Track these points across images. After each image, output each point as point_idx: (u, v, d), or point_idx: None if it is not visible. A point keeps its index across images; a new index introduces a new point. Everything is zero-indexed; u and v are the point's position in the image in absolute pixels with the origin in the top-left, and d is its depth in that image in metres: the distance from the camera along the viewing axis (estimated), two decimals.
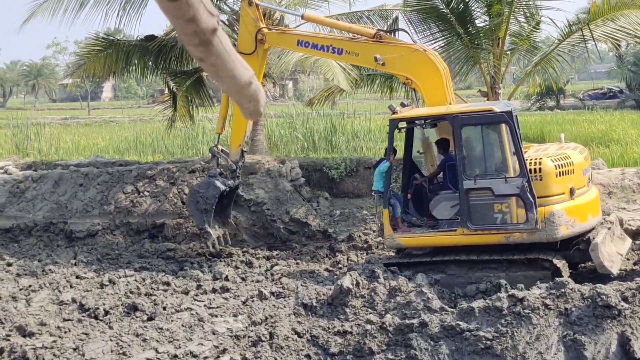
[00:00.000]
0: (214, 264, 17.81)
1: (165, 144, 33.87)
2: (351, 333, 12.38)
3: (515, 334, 11.69)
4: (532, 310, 11.87)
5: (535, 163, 14.76)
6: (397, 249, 16.05)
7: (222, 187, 18.21)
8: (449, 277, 14.85)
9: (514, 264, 14.80)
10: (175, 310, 13.71)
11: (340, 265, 17.55)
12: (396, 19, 23.75)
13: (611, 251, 14.91)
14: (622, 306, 11.68)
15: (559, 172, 14.79)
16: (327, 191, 21.88)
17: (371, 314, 12.78)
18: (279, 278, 15.91)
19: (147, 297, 14.75)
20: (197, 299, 14.55)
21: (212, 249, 18.43)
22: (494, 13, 21.03)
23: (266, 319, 12.95)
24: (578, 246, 14.97)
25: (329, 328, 12.59)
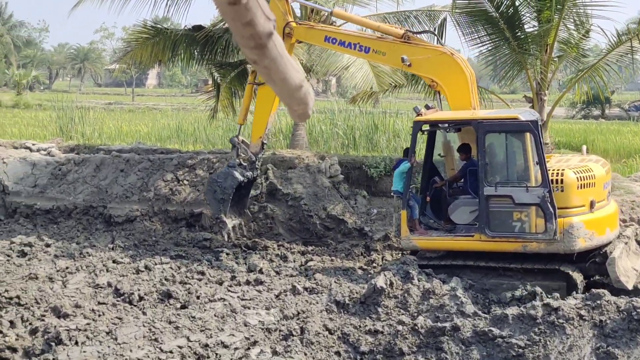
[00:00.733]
0: (249, 256, 17.86)
1: (207, 134, 34.04)
2: (382, 333, 12.36)
3: (548, 343, 11.61)
4: (566, 320, 11.78)
5: (558, 174, 14.69)
6: (412, 251, 16.00)
7: (240, 177, 18.37)
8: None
9: (530, 273, 14.74)
10: (209, 299, 13.77)
11: (374, 264, 17.52)
12: (444, 20, 23.65)
13: (627, 266, 14.86)
14: None
15: (581, 184, 14.74)
16: (365, 189, 21.86)
17: (403, 315, 12.75)
18: (313, 274, 15.92)
19: (182, 285, 14.83)
20: (230, 289, 14.61)
21: (226, 238, 18.71)
22: (544, 19, 20.85)
23: (298, 313, 12.97)
24: (594, 259, 14.89)
25: (360, 326, 12.58)
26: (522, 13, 21.37)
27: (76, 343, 11.72)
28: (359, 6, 24.96)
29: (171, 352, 11.52)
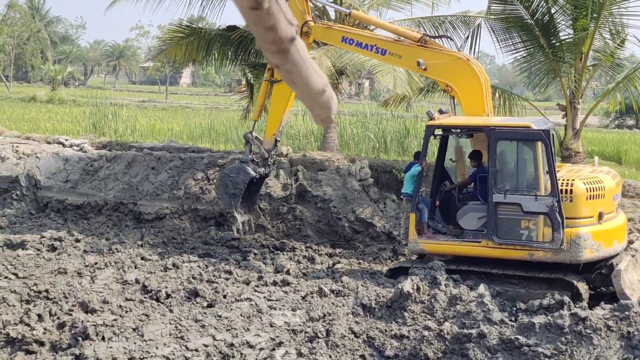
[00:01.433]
0: (277, 256, 17.88)
1: (239, 134, 34.09)
2: (408, 337, 12.33)
3: (575, 353, 11.52)
4: (593, 330, 11.69)
5: (567, 184, 14.70)
6: (419, 254, 16.07)
7: (253, 173, 18.48)
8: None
9: (535, 282, 14.76)
10: (235, 299, 13.79)
11: None
12: (479, 26, 23.57)
13: (633, 279, 14.82)
14: None
15: (590, 195, 14.75)
16: (395, 193, 21.79)
17: (430, 320, 12.71)
18: (340, 276, 15.91)
19: (209, 284, 14.87)
20: (257, 290, 14.62)
21: (236, 233, 18.85)
22: (579, 27, 20.74)
23: (324, 316, 12.96)
24: (600, 270, 14.92)
25: (386, 330, 12.55)
26: (558, 21, 21.29)
27: (103, 338, 11.79)
28: (393, 10, 25.05)
29: (197, 350, 11.56)
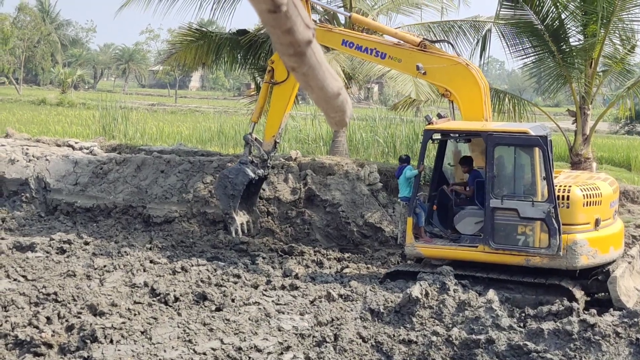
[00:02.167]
0: (285, 261, 17.89)
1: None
2: (416, 343, 12.30)
3: (584, 359, 11.48)
4: (602, 337, 11.66)
5: (564, 190, 14.79)
6: (416, 258, 16.07)
7: (252, 175, 18.61)
8: None
9: (531, 287, 14.83)
10: (244, 303, 13.80)
11: None
12: (489, 31, 23.55)
13: (629, 285, 14.94)
14: None
15: (587, 202, 14.85)
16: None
17: (438, 325, 12.68)
18: (348, 281, 15.90)
19: (217, 287, 14.88)
20: (265, 294, 14.63)
21: (234, 235, 18.88)
22: (589, 33, 20.71)
23: (332, 320, 12.96)
24: (597, 277, 14.98)
25: (394, 336, 12.53)
26: (568, 26, 21.27)
27: (111, 341, 11.80)
28: (403, 15, 24.96)
29: (205, 354, 11.56)
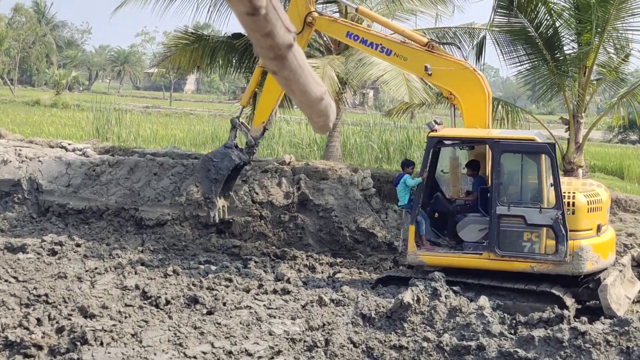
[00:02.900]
0: (277, 265, 17.88)
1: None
2: (407, 348, 12.31)
3: None
4: (593, 345, 11.67)
5: (569, 196, 14.88)
6: (418, 267, 15.85)
7: (237, 160, 18.18)
8: None
9: (522, 294, 14.83)
10: (235, 307, 13.78)
11: None
12: (483, 38, 23.59)
13: (619, 294, 15.01)
14: None
15: (590, 208, 15.03)
16: (396, 204, 21.79)
17: (429, 331, 12.69)
18: (340, 286, 15.89)
19: (209, 291, 14.86)
20: (257, 298, 14.62)
21: (212, 220, 18.50)
22: (583, 41, 20.76)
23: (323, 325, 12.95)
24: (588, 285, 15.02)
25: (385, 341, 12.53)
26: (562, 34, 21.32)
27: (101, 344, 11.78)
28: (398, 20, 24.93)
29: (195, 357, 11.54)
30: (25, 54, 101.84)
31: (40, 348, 11.89)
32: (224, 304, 13.88)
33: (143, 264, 16.96)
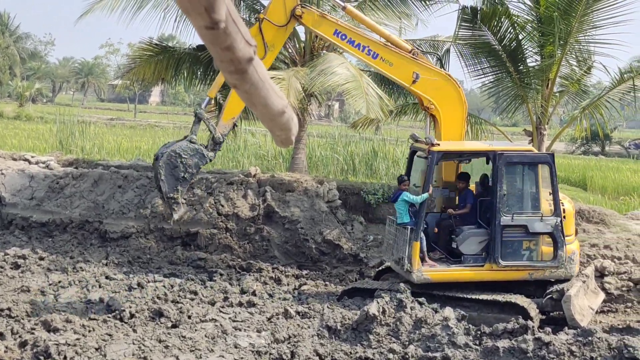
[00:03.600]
0: (243, 277, 17.83)
1: (200, 136, 33.86)
2: None
3: None
4: (557, 355, 11.76)
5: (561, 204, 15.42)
6: (424, 284, 15.46)
7: (209, 159, 16.21)
8: None
9: (487, 305, 14.94)
10: (200, 320, 13.73)
11: None
12: (447, 50, 23.74)
13: (583, 305, 15.20)
14: None
15: (574, 213, 15.93)
16: (362, 216, 21.82)
17: (394, 343, 12.71)
18: (306, 298, 15.88)
19: (174, 304, 14.80)
20: (222, 310, 14.57)
21: (174, 221, 16.41)
22: (546, 54, 20.95)
23: (289, 337, 12.93)
24: (551, 296, 15.18)
25: (351, 353, 12.54)
26: (525, 47, 21.51)
27: (65, 358, 11.67)
28: (364, 29, 24.94)
29: None
30: None
31: None
32: (189, 317, 13.83)
33: (107, 277, 16.85)
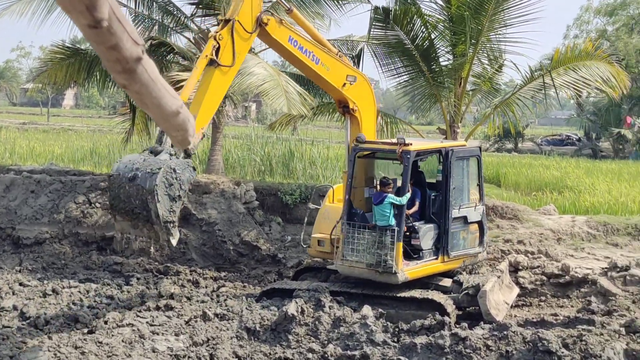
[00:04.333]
0: (160, 281, 17.66)
1: (122, 156, 33.46)
2: None
3: None
4: (473, 350, 11.93)
5: None
6: (403, 283, 15.31)
7: (196, 173, 13.92)
8: None
9: (404, 302, 15.09)
10: (117, 325, 13.53)
11: None
12: (362, 50, 23.88)
13: (498, 299, 15.53)
14: (562, 352, 11.77)
15: None
16: (280, 216, 21.85)
17: (314, 342, 12.74)
18: (225, 300, 15.81)
19: (90, 309, 14.58)
20: (140, 315, 14.39)
21: (174, 246, 14.24)
22: (458, 53, 21.25)
23: (208, 340, 12.85)
24: (467, 291, 15.45)
25: (270, 354, 12.53)
26: (438, 46, 21.77)
27: None
28: None
29: None
30: None
31: None
32: (106, 322, 13.61)
33: (21, 284, 16.50)
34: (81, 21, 3.09)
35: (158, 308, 14.91)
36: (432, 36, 21.43)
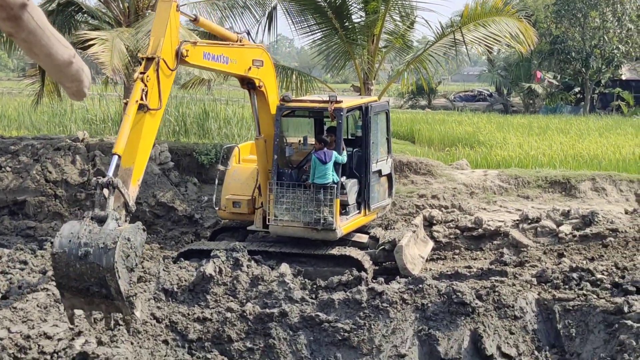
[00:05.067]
0: None
1: (32, 119, 32.86)
2: (211, 320, 12.34)
3: (373, 326, 11.90)
4: (390, 304, 12.11)
5: None
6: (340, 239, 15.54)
7: (145, 235, 11.94)
8: None
9: (322, 259, 15.35)
10: (32, 289, 13.34)
11: None
12: (274, 8, 23.70)
13: (414, 254, 15.91)
14: (476, 304, 12.06)
15: None
16: (196, 177, 21.73)
17: (232, 301, 12.76)
18: (141, 262, 15.65)
19: (3, 275, 14.32)
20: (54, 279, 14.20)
21: (137, 321, 12.33)
22: (371, 10, 21.30)
23: None
24: (384, 247, 15.78)
25: (188, 314, 12.51)
26: (350, 3, 21.81)
27: None
28: None
29: None
30: None
31: None
32: (19, 288, 13.41)
33: None
34: None
35: None
36: None
